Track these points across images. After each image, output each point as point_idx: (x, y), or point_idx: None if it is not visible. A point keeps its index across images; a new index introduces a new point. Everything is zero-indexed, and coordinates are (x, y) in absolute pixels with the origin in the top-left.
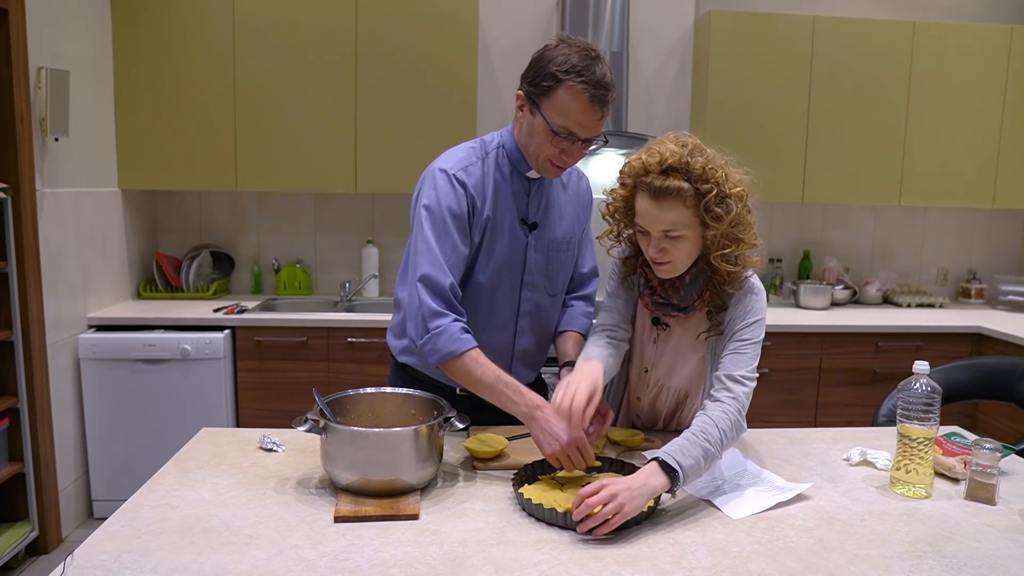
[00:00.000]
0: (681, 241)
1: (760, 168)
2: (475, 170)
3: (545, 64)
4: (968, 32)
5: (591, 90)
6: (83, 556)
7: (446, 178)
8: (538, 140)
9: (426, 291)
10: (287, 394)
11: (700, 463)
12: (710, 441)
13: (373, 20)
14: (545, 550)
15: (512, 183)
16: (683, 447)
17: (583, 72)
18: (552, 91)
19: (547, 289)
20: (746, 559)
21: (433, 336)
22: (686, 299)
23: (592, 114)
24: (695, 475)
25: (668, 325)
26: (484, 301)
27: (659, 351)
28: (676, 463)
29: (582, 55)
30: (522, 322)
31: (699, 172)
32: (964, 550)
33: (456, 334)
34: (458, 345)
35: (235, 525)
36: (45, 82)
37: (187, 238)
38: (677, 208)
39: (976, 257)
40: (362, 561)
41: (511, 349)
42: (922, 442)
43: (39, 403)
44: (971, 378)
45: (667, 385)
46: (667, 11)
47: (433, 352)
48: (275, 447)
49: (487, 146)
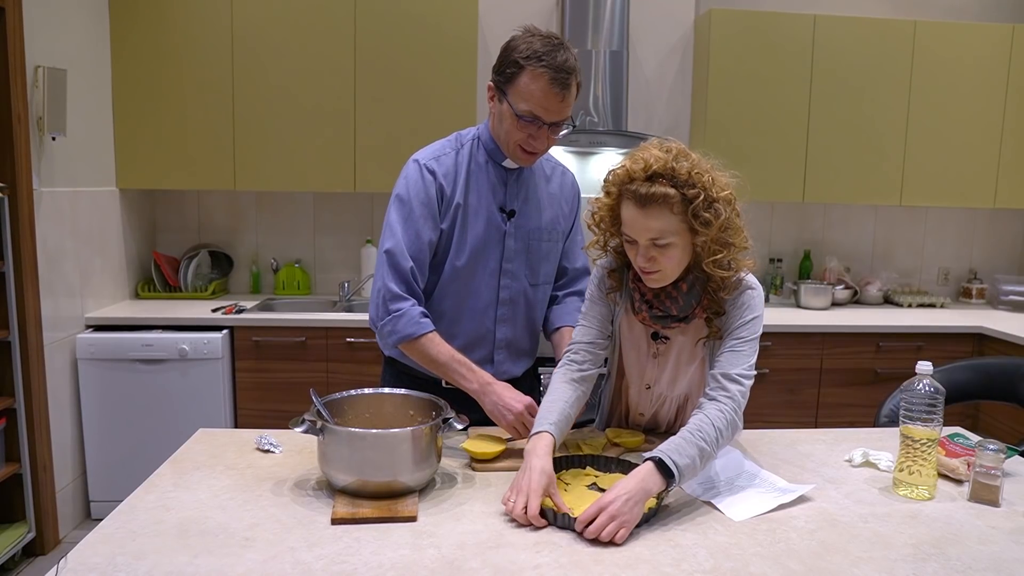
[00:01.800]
0: (670, 249)
1: (760, 167)
2: (447, 159)
3: (509, 52)
4: (969, 31)
5: (551, 73)
6: (77, 559)
7: (417, 167)
8: (506, 126)
9: (389, 273)
10: (285, 394)
11: (696, 462)
12: (706, 440)
13: (372, 19)
14: (545, 552)
15: (488, 172)
16: (679, 446)
17: (544, 57)
18: (516, 77)
19: (528, 278)
20: (747, 562)
21: (394, 318)
22: (686, 308)
23: (554, 97)
24: (691, 474)
25: (668, 338)
26: (462, 287)
27: (660, 366)
28: (672, 463)
29: (544, 42)
30: (502, 310)
31: (685, 177)
32: (968, 553)
33: (415, 318)
34: (416, 328)
35: (231, 527)
36: (42, 81)
37: (185, 238)
38: (664, 215)
39: (977, 257)
40: (359, 564)
41: (492, 336)
42: (925, 443)
43: (36, 403)
44: (973, 378)
45: (670, 396)
46: (667, 10)
47: (392, 333)
48: (272, 448)
49: (462, 139)
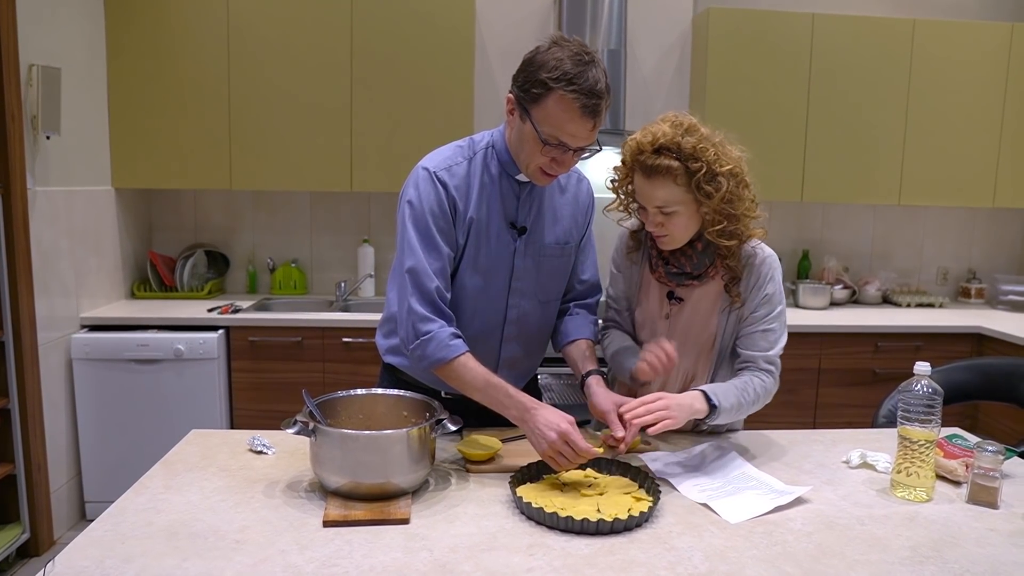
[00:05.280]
0: (676, 216)
1: (758, 166)
2: (459, 170)
3: (536, 70)
4: (968, 30)
5: (583, 99)
6: (65, 562)
7: (428, 177)
8: (528, 148)
9: (415, 295)
10: (281, 395)
11: (734, 409)
12: (746, 396)
13: (368, 17)
14: (539, 555)
15: (501, 185)
16: (726, 390)
17: (575, 80)
18: (542, 99)
19: (538, 296)
20: (744, 565)
21: (423, 342)
22: (699, 267)
23: (584, 124)
24: (727, 418)
25: (682, 299)
26: (468, 306)
27: (671, 327)
28: (716, 398)
29: (575, 60)
30: (508, 329)
31: (689, 151)
32: (967, 555)
33: (445, 340)
34: (447, 352)
35: (221, 530)
36: (36, 80)
37: (182, 237)
38: (668, 185)
39: (976, 257)
40: (350, 567)
41: (496, 356)
42: (923, 444)
43: (31, 403)
44: (972, 379)
45: (677, 366)
46: (665, 8)
47: (423, 358)
48: (265, 449)
49: (475, 146)
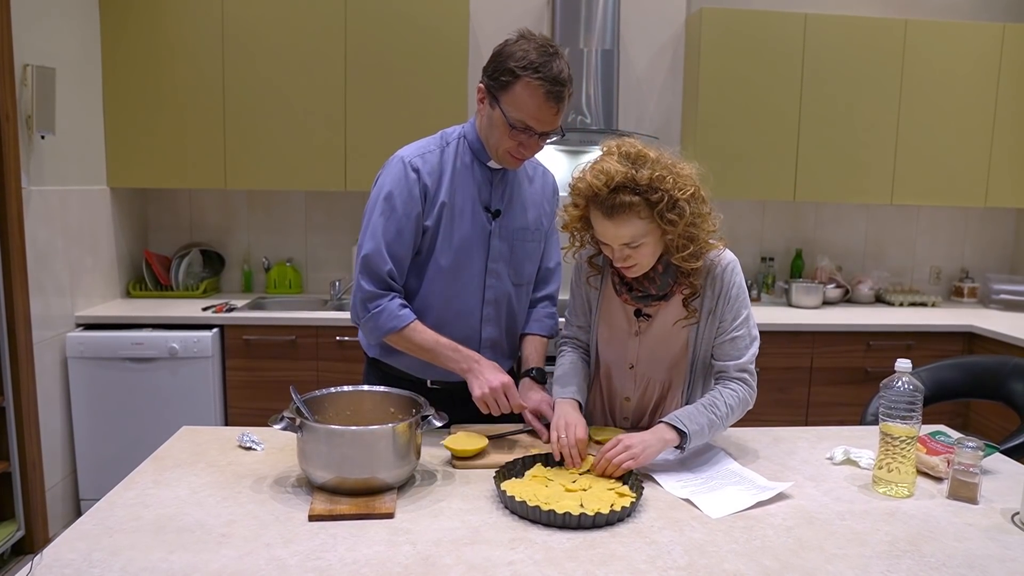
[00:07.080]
0: (643, 247)
1: (751, 166)
2: (432, 157)
3: (504, 59)
4: (960, 30)
5: (547, 86)
6: (52, 555)
7: (400, 165)
8: (497, 133)
9: (365, 276)
10: (275, 393)
11: (705, 430)
12: (716, 413)
13: (362, 18)
14: (520, 549)
15: (474, 171)
16: (691, 414)
17: (540, 68)
18: (510, 86)
19: (512, 278)
20: (723, 559)
21: (374, 315)
22: (663, 287)
23: (548, 109)
24: (699, 440)
25: (650, 316)
26: (447, 287)
27: (642, 343)
28: (683, 425)
29: (540, 51)
30: (487, 310)
31: (646, 184)
32: (944, 549)
33: (395, 311)
34: (397, 322)
35: (208, 524)
36: (31, 79)
37: (177, 236)
38: (632, 221)
39: (969, 256)
40: (334, 560)
41: (478, 336)
42: (905, 441)
43: (25, 402)
44: (960, 377)
45: (652, 379)
46: (658, 8)
47: (376, 329)
48: (254, 445)
49: (448, 137)
